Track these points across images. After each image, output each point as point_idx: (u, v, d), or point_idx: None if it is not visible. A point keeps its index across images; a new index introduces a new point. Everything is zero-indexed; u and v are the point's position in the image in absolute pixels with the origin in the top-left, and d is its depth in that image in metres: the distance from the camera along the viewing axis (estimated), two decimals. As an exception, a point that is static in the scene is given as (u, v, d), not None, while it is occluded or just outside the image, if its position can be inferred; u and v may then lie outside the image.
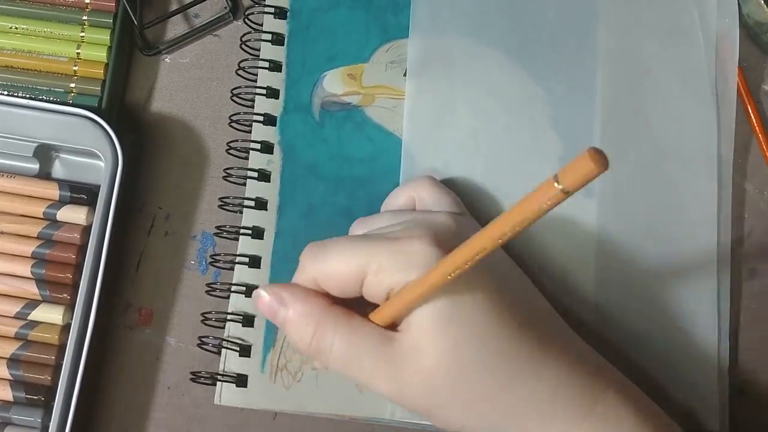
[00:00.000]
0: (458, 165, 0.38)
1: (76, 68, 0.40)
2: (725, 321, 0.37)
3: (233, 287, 0.37)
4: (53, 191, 0.38)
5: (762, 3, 0.39)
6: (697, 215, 0.38)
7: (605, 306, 0.37)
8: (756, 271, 0.39)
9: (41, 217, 0.38)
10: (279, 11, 0.40)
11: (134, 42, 0.41)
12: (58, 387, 0.35)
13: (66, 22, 0.40)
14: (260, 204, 0.38)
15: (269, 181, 0.38)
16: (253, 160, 0.38)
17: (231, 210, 0.39)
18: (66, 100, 0.39)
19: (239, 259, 0.37)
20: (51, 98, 0.39)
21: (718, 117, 0.39)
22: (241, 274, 0.37)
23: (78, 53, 0.40)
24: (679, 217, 0.38)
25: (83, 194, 0.38)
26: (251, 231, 0.38)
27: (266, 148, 0.38)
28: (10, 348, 0.36)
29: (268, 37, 0.39)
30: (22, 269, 0.37)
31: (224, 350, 0.36)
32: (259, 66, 0.39)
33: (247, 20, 0.40)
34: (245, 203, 0.38)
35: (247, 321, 0.37)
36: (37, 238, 0.37)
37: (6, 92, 0.39)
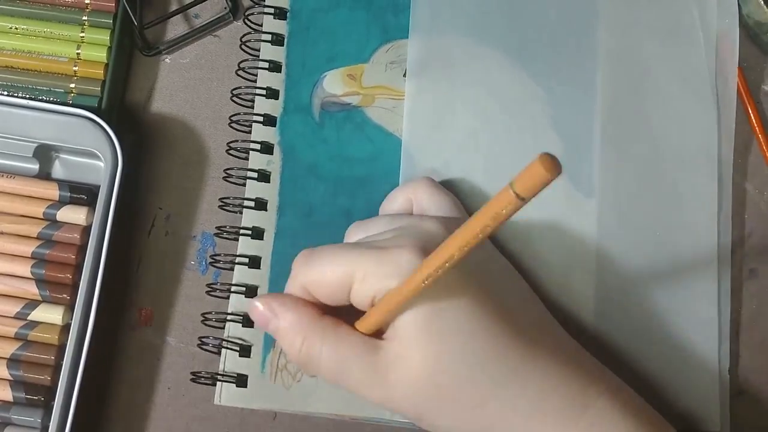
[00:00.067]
0: (458, 165, 0.38)
1: (76, 68, 0.40)
2: (725, 321, 0.37)
3: (233, 288, 0.37)
4: (53, 191, 0.38)
5: (762, 3, 0.39)
6: (697, 215, 0.38)
7: (605, 306, 0.37)
8: (756, 271, 0.39)
9: (41, 217, 0.38)
10: (279, 12, 0.40)
11: (134, 42, 0.41)
12: (57, 387, 0.35)
13: (66, 23, 0.40)
14: (260, 204, 0.38)
15: (269, 182, 0.38)
16: (253, 161, 0.38)
17: (231, 210, 0.39)
18: (66, 100, 0.39)
19: (239, 260, 0.37)
20: (51, 98, 0.39)
21: (718, 117, 0.39)
22: (241, 275, 0.37)
23: (78, 53, 0.40)
24: (679, 217, 0.38)
25: (83, 194, 0.38)
26: (251, 231, 0.38)
27: (266, 148, 0.38)
28: (10, 348, 0.36)
29: (268, 37, 0.39)
30: (22, 269, 0.37)
31: (224, 350, 0.36)
32: (259, 66, 0.39)
33: (247, 21, 0.40)
34: (245, 204, 0.38)
35: (247, 321, 0.37)
36: (37, 239, 0.37)
37: (6, 92, 0.39)
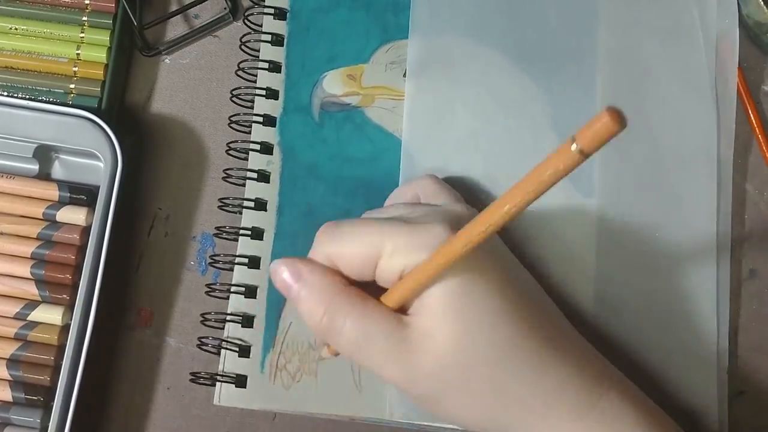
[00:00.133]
0: (458, 165, 0.38)
1: (75, 69, 0.40)
2: (725, 321, 0.37)
3: (233, 288, 0.37)
4: (53, 192, 0.38)
5: (762, 4, 0.39)
6: (696, 215, 0.38)
7: (605, 306, 0.37)
8: (756, 271, 0.39)
9: (41, 217, 0.38)
10: (279, 12, 0.40)
11: (134, 43, 0.41)
12: (57, 387, 0.35)
13: (66, 23, 0.40)
14: (260, 205, 0.38)
15: (269, 182, 0.38)
16: (253, 161, 0.38)
17: (231, 211, 0.39)
18: (66, 100, 0.39)
19: (239, 260, 0.37)
20: (51, 99, 0.39)
21: (718, 117, 0.39)
22: (240, 275, 0.37)
23: (78, 54, 0.40)
24: (679, 217, 0.38)
25: (83, 195, 0.38)
26: (251, 232, 0.38)
27: (266, 148, 0.38)
28: (9, 348, 0.36)
29: (268, 37, 0.40)
30: (22, 270, 0.37)
31: (224, 351, 0.36)
32: (258, 67, 0.39)
33: (247, 21, 0.40)
34: (245, 204, 0.38)
35: (247, 322, 0.37)
36: (37, 239, 0.37)
37: (6, 93, 0.39)
